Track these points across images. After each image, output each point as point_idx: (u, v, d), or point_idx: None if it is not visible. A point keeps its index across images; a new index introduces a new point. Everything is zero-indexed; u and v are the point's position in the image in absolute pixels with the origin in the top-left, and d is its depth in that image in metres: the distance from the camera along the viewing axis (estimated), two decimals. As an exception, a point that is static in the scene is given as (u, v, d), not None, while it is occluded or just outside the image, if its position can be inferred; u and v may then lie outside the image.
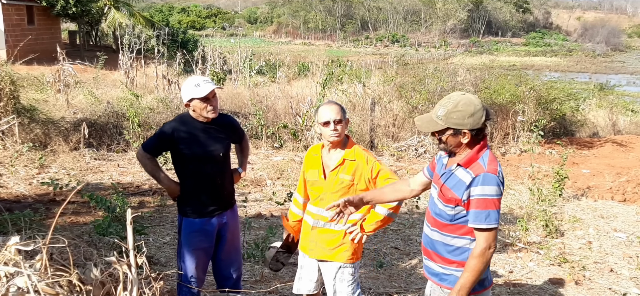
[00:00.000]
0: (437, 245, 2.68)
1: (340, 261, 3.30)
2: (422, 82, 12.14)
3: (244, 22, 77.74)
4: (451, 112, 2.48)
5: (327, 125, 3.15)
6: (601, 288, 5.09)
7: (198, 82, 3.37)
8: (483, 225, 2.45)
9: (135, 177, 8.00)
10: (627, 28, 78.86)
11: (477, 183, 2.46)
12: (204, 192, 3.47)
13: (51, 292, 1.94)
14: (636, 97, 27.00)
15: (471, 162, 2.52)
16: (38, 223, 5.34)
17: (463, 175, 2.52)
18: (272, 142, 10.62)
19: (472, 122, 2.47)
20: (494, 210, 2.45)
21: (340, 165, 3.21)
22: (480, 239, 2.48)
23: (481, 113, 2.48)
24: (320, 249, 3.33)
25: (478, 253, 2.47)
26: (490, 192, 2.45)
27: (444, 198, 2.59)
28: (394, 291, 4.80)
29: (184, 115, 3.51)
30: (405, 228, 6.56)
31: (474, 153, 2.53)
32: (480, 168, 2.49)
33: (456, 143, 2.54)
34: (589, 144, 12.95)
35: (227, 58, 20.55)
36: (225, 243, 3.64)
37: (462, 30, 69.44)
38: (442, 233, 2.65)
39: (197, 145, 3.42)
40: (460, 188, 2.52)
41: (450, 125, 2.49)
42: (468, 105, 2.48)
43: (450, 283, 2.61)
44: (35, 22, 24.11)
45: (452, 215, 2.58)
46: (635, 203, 7.83)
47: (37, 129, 9.08)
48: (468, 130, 2.48)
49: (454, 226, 2.60)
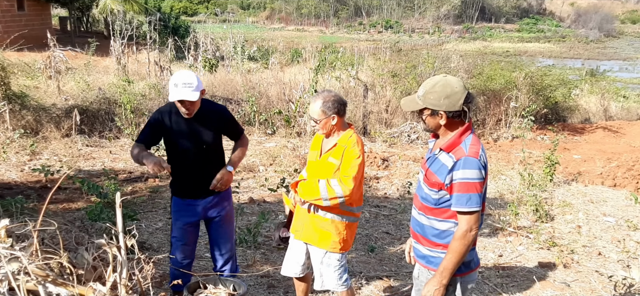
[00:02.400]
0: (425, 228, 2.73)
1: (325, 247, 3.34)
2: (415, 68, 12.15)
3: (236, 8, 77.12)
4: (428, 92, 2.56)
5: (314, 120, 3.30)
6: (589, 271, 5.16)
7: (177, 82, 3.34)
8: (464, 208, 2.51)
9: (128, 163, 7.99)
10: (621, 14, 78.86)
11: (458, 167, 2.52)
12: (189, 177, 3.59)
13: (41, 274, 1.95)
14: (628, 82, 27.11)
15: (453, 146, 2.57)
16: (30, 209, 5.34)
17: (446, 159, 2.57)
18: (264, 128, 10.62)
19: (447, 103, 2.52)
20: (475, 194, 2.50)
21: (333, 148, 3.28)
22: (462, 222, 2.54)
23: (459, 97, 2.52)
24: (308, 232, 3.38)
25: (460, 236, 2.53)
26: (471, 175, 2.50)
27: (429, 182, 2.64)
28: (385, 275, 4.86)
29: (169, 104, 3.55)
30: (397, 213, 6.61)
31: (456, 138, 2.58)
32: (461, 152, 2.53)
33: (435, 124, 2.60)
34: (581, 130, 13.04)
35: (220, 44, 20.45)
36: (215, 227, 3.75)
37: (456, 16, 69.23)
38: (428, 216, 2.69)
39: (180, 135, 3.51)
40: (443, 172, 2.57)
41: (427, 105, 2.56)
42: (445, 86, 2.54)
43: (437, 266, 2.66)
44: (25, 8, 23.79)
45: (436, 199, 2.63)
46: (625, 188, 7.90)
47: (29, 116, 9.04)
48: (444, 111, 2.54)
49: (439, 210, 2.64)
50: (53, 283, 2.04)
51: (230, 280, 3.47)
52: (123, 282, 2.08)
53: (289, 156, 8.60)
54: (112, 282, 2.11)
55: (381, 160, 8.69)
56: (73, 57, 15.08)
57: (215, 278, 3.47)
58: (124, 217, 2.16)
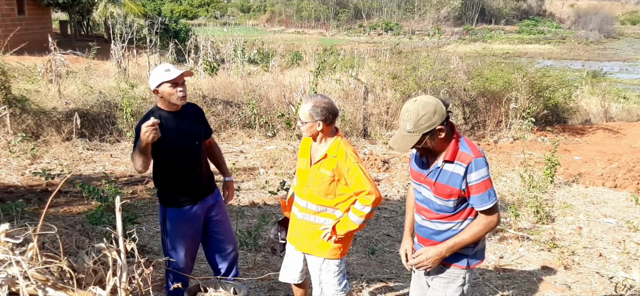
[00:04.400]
0: (442, 233, 2.79)
1: (324, 255, 3.33)
2: (415, 70, 12.16)
3: (236, 11, 77.27)
4: (417, 121, 2.57)
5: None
6: (589, 272, 5.16)
7: (168, 67, 3.32)
8: (488, 205, 2.65)
9: (128, 166, 7.99)
10: (621, 15, 78.91)
11: (471, 171, 2.62)
12: (184, 181, 3.43)
13: (41, 278, 1.95)
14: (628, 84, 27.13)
15: (455, 153, 2.66)
16: (30, 213, 5.34)
17: (454, 168, 2.65)
18: (265, 131, 10.63)
19: (438, 117, 2.58)
20: (491, 188, 2.66)
21: (323, 159, 3.23)
22: (491, 213, 2.68)
23: (440, 105, 2.60)
24: (306, 242, 3.36)
25: (486, 223, 2.68)
26: (484, 173, 2.63)
27: (443, 194, 2.70)
28: (386, 278, 4.85)
29: (152, 110, 3.41)
30: (397, 215, 6.60)
31: (454, 145, 2.66)
32: (467, 156, 2.63)
33: (437, 142, 2.65)
34: (581, 131, 13.03)
35: (220, 47, 20.48)
36: (218, 225, 3.66)
37: (456, 18, 69.31)
38: (448, 222, 2.77)
39: (170, 136, 3.31)
40: (456, 180, 2.65)
41: (424, 132, 2.58)
42: (426, 106, 2.58)
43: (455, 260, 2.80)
44: (25, 12, 23.87)
45: (454, 206, 2.72)
46: (626, 189, 7.90)
47: (29, 120, 9.05)
48: (439, 128, 2.60)
49: (458, 214, 2.75)
50: (53, 287, 2.04)
51: (231, 283, 3.46)
52: (123, 286, 2.08)
53: (290, 159, 8.61)
54: (112, 286, 2.12)
55: (381, 163, 8.70)
56: (74, 61, 15.08)
57: (216, 281, 3.46)
58: (124, 221, 2.16)
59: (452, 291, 2.82)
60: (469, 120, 12.60)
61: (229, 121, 10.66)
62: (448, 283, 2.83)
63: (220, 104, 10.97)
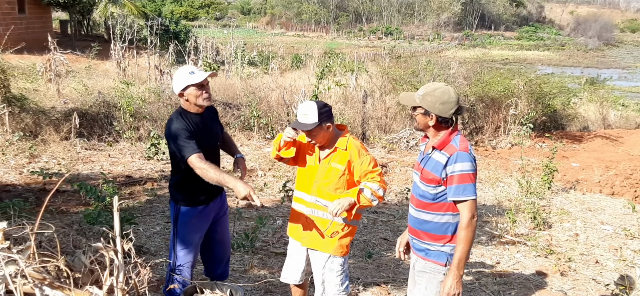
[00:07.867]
0: (424, 224, 2.93)
1: (330, 251, 3.34)
2: (416, 75, 12.18)
3: (237, 13, 77.40)
4: (427, 94, 2.81)
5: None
6: (585, 279, 5.16)
7: (192, 70, 3.29)
8: (462, 197, 2.74)
9: (126, 166, 7.99)
10: (620, 22, 79.14)
11: (452, 162, 2.75)
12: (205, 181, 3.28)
13: (38, 277, 1.96)
14: (627, 91, 27.21)
15: (444, 144, 2.82)
16: (28, 212, 5.33)
17: (439, 156, 2.81)
18: (264, 133, 10.63)
19: (441, 108, 2.78)
20: (471, 184, 2.74)
21: (332, 153, 3.27)
22: (464, 211, 2.76)
23: (452, 106, 2.78)
24: (313, 238, 3.37)
25: (465, 225, 2.75)
26: (465, 167, 2.74)
27: (426, 180, 2.87)
28: (382, 281, 4.86)
29: (179, 111, 3.37)
30: (394, 219, 6.61)
31: (447, 136, 2.83)
32: (453, 148, 2.78)
33: (424, 123, 2.87)
34: (579, 138, 13.06)
35: (220, 49, 20.50)
36: (220, 225, 3.65)
37: (456, 23, 69.46)
38: (427, 212, 2.91)
39: (202, 133, 3.30)
40: (438, 168, 2.80)
41: (423, 105, 2.81)
42: (443, 94, 2.79)
43: (435, 257, 2.91)
44: (25, 11, 23.87)
45: (434, 194, 2.85)
46: (623, 197, 7.92)
47: (28, 118, 9.04)
48: (435, 115, 2.79)
49: (438, 204, 2.86)
50: (50, 286, 2.04)
51: (227, 284, 3.46)
52: (120, 286, 2.09)
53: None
54: (108, 286, 2.12)
55: (380, 167, 8.70)
56: (74, 61, 15.10)
57: (212, 282, 3.47)
58: (121, 221, 2.17)
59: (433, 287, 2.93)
60: (468, 125, 12.62)
61: (228, 123, 10.67)
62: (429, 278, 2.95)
63: (219, 106, 10.98)
